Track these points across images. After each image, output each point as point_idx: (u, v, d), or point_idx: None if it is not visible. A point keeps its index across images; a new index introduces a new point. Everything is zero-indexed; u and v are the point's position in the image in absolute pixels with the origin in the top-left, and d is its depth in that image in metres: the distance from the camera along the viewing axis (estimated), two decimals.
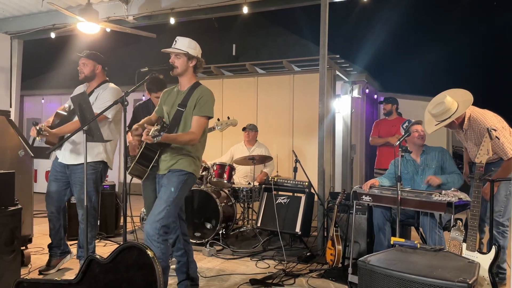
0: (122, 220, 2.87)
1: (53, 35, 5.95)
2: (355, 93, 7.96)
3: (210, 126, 3.99)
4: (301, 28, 10.98)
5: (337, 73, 7.20)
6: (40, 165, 8.80)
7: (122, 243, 2.18)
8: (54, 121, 3.57)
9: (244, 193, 5.08)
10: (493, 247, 2.61)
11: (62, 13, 5.14)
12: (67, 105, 3.75)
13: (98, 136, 3.05)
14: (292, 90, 7.12)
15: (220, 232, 4.59)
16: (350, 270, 3.30)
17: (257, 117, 7.19)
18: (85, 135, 2.95)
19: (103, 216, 4.91)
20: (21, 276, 3.18)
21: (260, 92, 7.35)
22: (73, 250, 3.82)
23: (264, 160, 5.31)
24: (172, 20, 5.47)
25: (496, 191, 3.25)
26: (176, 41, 2.84)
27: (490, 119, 3.29)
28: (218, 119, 4.47)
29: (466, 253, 2.69)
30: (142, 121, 2.94)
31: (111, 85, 3.63)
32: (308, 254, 4.17)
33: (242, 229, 5.06)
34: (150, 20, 5.69)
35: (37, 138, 3.36)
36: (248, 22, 10.24)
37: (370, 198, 3.46)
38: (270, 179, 4.87)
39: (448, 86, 3.50)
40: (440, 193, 3.11)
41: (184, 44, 2.82)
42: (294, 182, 4.79)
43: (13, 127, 3.86)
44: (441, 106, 3.31)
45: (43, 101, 10.77)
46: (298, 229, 4.51)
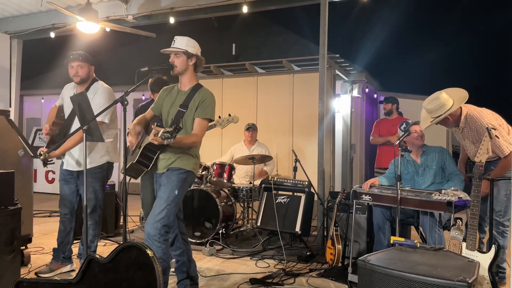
0: (122, 220, 2.87)
1: (53, 35, 5.95)
2: (355, 93, 7.97)
3: (210, 124, 3.99)
4: (301, 28, 10.99)
5: (337, 73, 7.21)
6: (40, 165, 8.72)
7: (122, 243, 2.17)
8: (54, 131, 3.57)
9: (244, 193, 5.08)
10: (493, 246, 2.61)
11: (62, 13, 5.14)
12: (59, 104, 3.73)
13: (98, 136, 3.05)
14: (292, 90, 7.12)
15: (220, 232, 4.59)
16: (350, 270, 3.30)
17: (257, 117, 7.19)
18: (85, 135, 2.95)
19: (103, 216, 4.87)
20: (21, 276, 3.18)
21: (260, 92, 7.35)
22: (74, 250, 3.81)
23: (264, 160, 5.31)
24: (172, 20, 5.47)
25: (496, 191, 3.25)
26: (175, 41, 2.83)
27: (487, 117, 3.27)
28: (219, 117, 4.47)
29: (466, 252, 2.69)
30: (137, 119, 2.89)
31: (102, 86, 3.57)
32: (308, 254, 4.17)
33: (242, 229, 5.06)
34: (150, 20, 5.68)
35: (46, 167, 3.54)
36: (248, 22, 10.24)
37: (370, 198, 3.46)
38: (270, 179, 4.87)
39: (448, 86, 3.49)
40: (440, 193, 3.11)
41: (183, 43, 2.81)
42: (294, 182, 4.79)
43: (13, 127, 3.86)
44: (436, 102, 3.30)
45: (43, 101, 10.77)
46: (298, 229, 4.51)
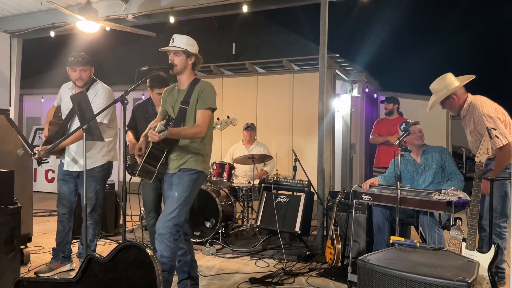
0: (122, 219, 2.87)
1: (53, 34, 5.94)
2: (355, 92, 7.96)
3: None
4: (301, 27, 10.98)
5: (337, 72, 7.20)
6: None
7: (122, 242, 2.17)
8: (51, 131, 3.56)
9: (244, 192, 5.08)
10: (493, 246, 2.61)
11: (62, 12, 5.14)
12: (56, 105, 3.73)
13: (98, 135, 3.05)
14: (292, 89, 7.12)
15: (220, 231, 4.59)
16: (350, 269, 3.30)
17: (257, 116, 7.19)
18: (85, 134, 2.95)
19: (103, 215, 4.88)
20: (21, 275, 3.18)
21: (260, 91, 7.35)
22: (74, 249, 3.82)
23: (264, 159, 5.31)
24: (172, 19, 5.46)
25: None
26: (174, 39, 2.82)
27: (487, 106, 3.24)
28: (218, 118, 4.46)
29: (466, 252, 2.69)
30: (147, 130, 2.89)
31: (102, 87, 3.57)
32: (308, 253, 4.17)
33: (242, 228, 5.07)
34: (150, 19, 5.68)
35: (40, 166, 3.48)
36: (248, 21, 10.23)
37: (370, 197, 3.46)
38: (270, 178, 4.87)
39: None
40: (440, 192, 3.11)
41: (183, 42, 2.81)
42: (294, 181, 4.79)
43: (13, 126, 3.86)
44: (442, 81, 3.37)
45: (43, 100, 10.76)
46: (298, 228, 4.51)
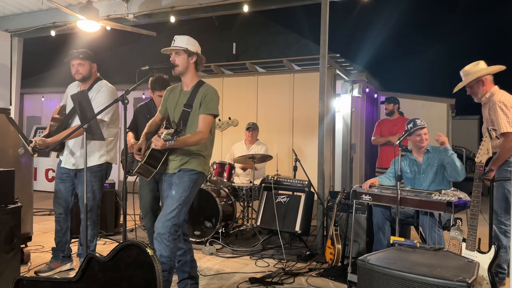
0: (122, 219, 2.87)
1: (53, 33, 5.94)
2: (355, 92, 7.96)
3: None
4: (302, 27, 11.00)
5: (337, 72, 7.20)
6: (40, 163, 8.80)
7: (122, 241, 2.18)
8: (52, 127, 3.58)
9: (244, 192, 5.08)
10: (493, 247, 2.61)
11: (62, 11, 5.14)
12: (62, 104, 3.74)
13: (98, 135, 3.05)
14: (292, 89, 7.11)
15: (220, 231, 4.59)
16: (350, 269, 3.30)
17: (257, 116, 7.19)
18: (85, 133, 2.95)
19: (103, 215, 4.89)
20: (21, 274, 3.18)
21: (260, 91, 7.35)
22: (74, 249, 3.82)
23: (265, 159, 5.31)
24: (173, 19, 5.46)
25: (495, 191, 3.24)
26: (175, 40, 2.84)
27: (502, 95, 3.33)
28: (219, 119, 4.47)
29: (466, 253, 2.69)
30: (147, 127, 2.95)
31: (106, 85, 3.58)
32: (308, 253, 4.18)
33: (242, 228, 5.07)
34: (151, 19, 5.68)
35: (35, 155, 3.43)
36: (249, 21, 10.24)
37: (370, 197, 3.46)
38: (270, 178, 4.87)
39: (448, 85, 3.52)
40: (440, 193, 3.11)
41: (183, 41, 2.82)
42: (294, 181, 4.79)
43: (13, 125, 3.86)
44: (476, 65, 3.46)
45: (43, 99, 10.77)
46: (298, 228, 4.52)
